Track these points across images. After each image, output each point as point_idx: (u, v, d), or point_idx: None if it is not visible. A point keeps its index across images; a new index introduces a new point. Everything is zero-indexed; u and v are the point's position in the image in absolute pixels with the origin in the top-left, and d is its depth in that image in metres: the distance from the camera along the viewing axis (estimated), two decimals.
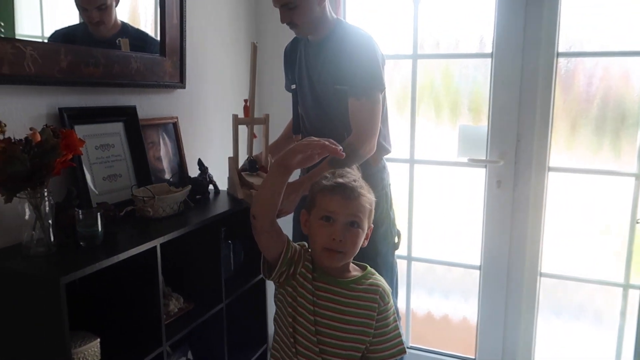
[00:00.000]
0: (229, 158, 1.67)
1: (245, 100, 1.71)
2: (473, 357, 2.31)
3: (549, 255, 2.16)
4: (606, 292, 2.17)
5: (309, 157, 1.04)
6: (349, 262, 1.14)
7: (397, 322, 1.16)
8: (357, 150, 1.57)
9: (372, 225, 1.16)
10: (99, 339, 1.26)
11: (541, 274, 2.16)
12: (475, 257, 2.25)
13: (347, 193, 1.07)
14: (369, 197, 1.11)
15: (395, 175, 1.78)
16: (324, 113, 1.72)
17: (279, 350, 1.12)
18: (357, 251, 1.11)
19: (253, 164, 1.74)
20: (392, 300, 1.14)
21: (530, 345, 2.21)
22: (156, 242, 1.29)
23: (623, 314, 2.09)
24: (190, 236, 1.48)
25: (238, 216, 1.67)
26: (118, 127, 1.58)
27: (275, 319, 1.15)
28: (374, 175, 1.73)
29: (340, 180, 1.09)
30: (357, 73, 1.59)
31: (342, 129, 1.67)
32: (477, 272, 2.25)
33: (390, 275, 1.78)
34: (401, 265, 2.33)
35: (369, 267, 1.17)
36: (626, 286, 2.06)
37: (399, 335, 1.14)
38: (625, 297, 2.08)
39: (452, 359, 2.34)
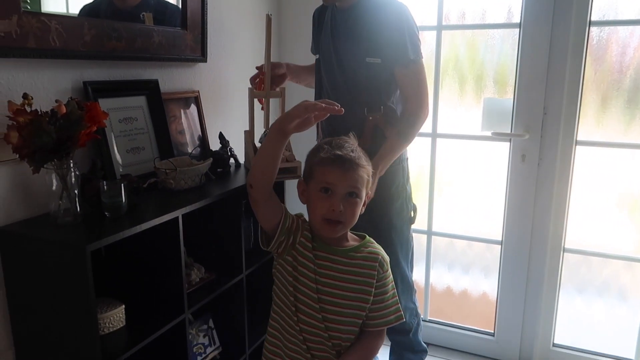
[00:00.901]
0: (245, 131, 1.68)
1: (260, 72, 1.70)
2: (492, 331, 2.32)
3: (573, 231, 2.12)
4: (631, 269, 2.13)
5: (306, 120, 1.02)
6: (347, 232, 1.14)
7: (396, 291, 1.17)
8: (419, 117, 1.63)
9: (370, 193, 1.17)
10: (123, 306, 1.31)
11: (565, 250, 2.13)
12: (496, 232, 2.23)
13: (346, 165, 1.07)
14: (367, 168, 1.12)
15: (418, 149, 1.76)
16: (350, 85, 1.70)
17: (278, 320, 1.14)
18: (356, 221, 1.12)
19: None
20: (390, 269, 1.15)
21: (551, 322, 2.20)
22: (178, 213, 1.32)
23: None
24: (212, 208, 1.51)
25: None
26: (141, 100, 1.61)
27: (274, 290, 1.16)
28: None
29: (338, 152, 1.08)
30: (400, 43, 1.59)
31: (367, 101, 1.67)
32: (498, 247, 2.23)
33: (406, 249, 1.79)
34: (421, 239, 2.34)
35: (367, 237, 1.17)
36: None
37: (397, 302, 1.16)
38: None
39: (470, 333, 2.35)
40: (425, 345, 1.92)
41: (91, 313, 1.11)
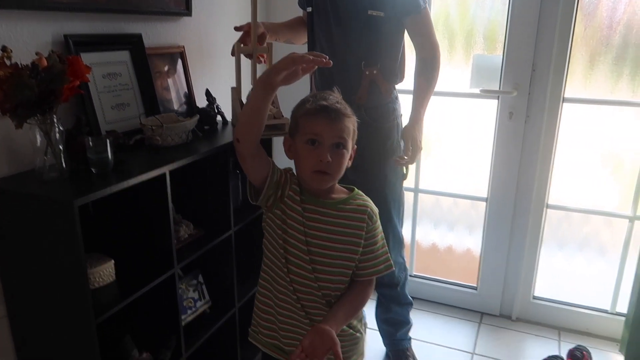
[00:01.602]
0: (232, 88, 1.66)
1: (245, 28, 1.66)
2: (475, 285, 2.39)
3: (557, 188, 2.16)
4: (611, 225, 2.19)
5: (293, 73, 1.00)
6: (335, 184, 1.15)
7: (385, 241, 1.20)
8: (438, 58, 1.70)
9: (356, 146, 1.16)
10: (113, 261, 1.32)
11: (548, 206, 2.18)
12: (482, 189, 2.27)
13: (332, 115, 1.07)
14: (352, 118, 1.12)
15: (407, 106, 1.77)
16: (347, 39, 1.66)
17: (268, 272, 1.16)
18: (342, 173, 1.12)
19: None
20: (380, 221, 1.17)
21: (532, 276, 2.27)
22: (165, 169, 1.32)
23: (626, 246, 2.11)
24: (199, 165, 1.51)
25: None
26: (124, 55, 1.57)
27: (264, 244, 1.17)
28: (386, 106, 1.73)
29: (323, 102, 1.08)
30: None
31: (364, 55, 1.66)
32: (484, 204, 2.27)
33: (398, 204, 1.82)
34: (408, 197, 2.37)
35: (356, 189, 1.18)
36: (632, 218, 2.08)
37: (387, 252, 1.18)
38: (630, 229, 2.09)
39: (454, 287, 2.42)
40: (411, 298, 1.98)
41: (81, 268, 1.12)
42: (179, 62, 1.80)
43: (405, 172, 1.81)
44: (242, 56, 1.57)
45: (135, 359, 1.36)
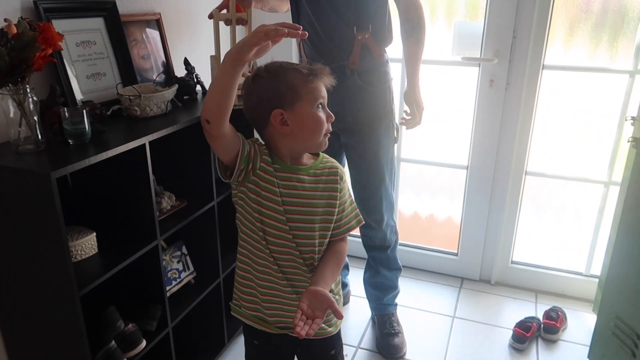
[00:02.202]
0: (211, 56, 1.63)
1: None
2: (455, 251, 2.44)
3: (535, 155, 2.20)
4: (588, 190, 2.24)
5: (264, 47, 0.96)
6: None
7: (353, 197, 1.22)
8: (423, 17, 1.72)
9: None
10: (94, 233, 1.31)
11: (527, 173, 2.21)
12: (463, 157, 2.29)
13: (327, 75, 1.08)
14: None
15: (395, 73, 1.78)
16: (336, 5, 1.64)
17: (246, 247, 1.15)
18: None
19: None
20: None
21: (511, 241, 2.32)
22: (145, 140, 1.30)
23: (601, 210, 2.17)
24: (180, 136, 1.49)
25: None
26: (98, 22, 1.52)
27: (238, 219, 1.16)
28: (378, 69, 1.74)
29: (314, 67, 1.08)
30: None
31: (356, 20, 1.65)
32: (464, 172, 2.30)
33: (390, 168, 1.85)
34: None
35: (321, 152, 1.17)
36: (607, 183, 2.13)
37: (356, 207, 1.21)
38: (605, 194, 2.15)
39: (435, 253, 2.47)
40: (400, 264, 2.02)
41: (61, 241, 1.11)
42: (156, 29, 1.75)
43: (396, 135, 1.84)
44: (221, 23, 1.53)
45: (120, 330, 1.36)
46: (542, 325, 2.03)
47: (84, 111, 1.21)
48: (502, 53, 2.04)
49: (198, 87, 1.80)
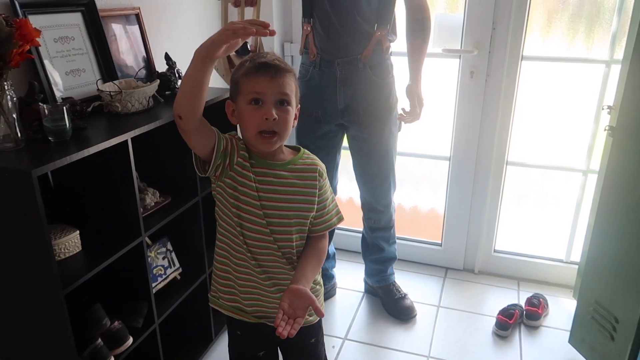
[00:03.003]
0: None
1: None
2: (439, 242, 2.47)
3: (516, 145, 2.23)
4: (567, 179, 2.28)
5: (233, 44, 0.96)
6: (282, 146, 1.13)
7: (334, 195, 1.23)
8: (430, 19, 1.79)
9: (300, 106, 1.14)
10: (78, 231, 1.30)
11: (508, 163, 2.25)
12: (445, 149, 2.31)
13: (272, 71, 1.04)
14: (293, 72, 1.09)
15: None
16: (358, 2, 1.69)
17: (223, 240, 1.15)
18: (290, 132, 1.10)
19: (245, 46, 1.64)
20: (326, 177, 1.18)
21: (493, 230, 2.36)
22: (127, 136, 1.29)
23: (580, 198, 2.22)
24: (162, 131, 1.47)
25: (212, 111, 1.66)
26: (76, 18, 1.50)
27: (216, 212, 1.16)
28: (385, 62, 1.82)
29: (262, 60, 1.05)
30: None
31: (377, 19, 1.73)
32: (447, 163, 2.33)
33: (395, 154, 1.95)
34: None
35: (302, 148, 1.17)
36: (586, 172, 2.18)
37: (336, 205, 1.22)
38: (584, 182, 2.20)
39: (419, 244, 2.50)
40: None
41: (44, 239, 1.10)
42: (136, 24, 1.73)
43: (399, 124, 1.94)
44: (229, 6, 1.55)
45: (107, 327, 1.36)
46: (524, 312, 2.07)
47: (64, 108, 1.20)
48: (482, 44, 2.06)
49: (180, 82, 1.79)
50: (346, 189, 2.45)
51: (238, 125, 1.11)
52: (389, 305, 2.14)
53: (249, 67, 1.05)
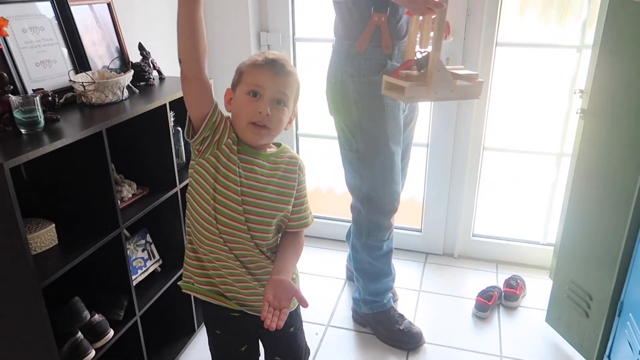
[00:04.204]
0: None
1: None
2: (419, 228, 2.50)
3: (492, 130, 2.26)
4: (542, 163, 2.33)
5: None
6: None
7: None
8: None
9: (297, 111, 1.16)
10: (54, 224, 1.28)
11: (484, 148, 2.28)
12: (423, 136, 2.33)
13: (277, 68, 1.06)
14: (297, 77, 1.11)
15: None
16: None
17: (192, 221, 1.14)
18: (281, 131, 1.11)
19: (426, 57, 1.44)
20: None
21: (471, 215, 2.40)
22: (101, 127, 1.27)
23: (555, 180, 2.27)
24: (138, 122, 1.46)
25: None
26: (45, 7, 1.46)
27: (189, 192, 1.13)
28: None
29: (271, 56, 1.07)
30: None
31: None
32: (425, 150, 2.35)
33: None
34: None
35: (283, 144, 1.18)
36: (560, 155, 2.22)
37: (309, 207, 1.22)
38: (558, 165, 2.24)
39: (400, 231, 2.52)
40: None
41: (19, 232, 1.08)
42: (108, 14, 1.70)
43: None
44: None
45: (86, 321, 1.34)
46: (502, 293, 2.12)
47: (35, 99, 1.17)
48: (457, 31, 2.08)
49: (155, 73, 1.77)
50: (326, 179, 2.45)
51: (231, 114, 1.12)
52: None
53: (255, 60, 1.07)
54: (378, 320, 1.95)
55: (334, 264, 2.39)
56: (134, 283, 1.54)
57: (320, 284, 2.27)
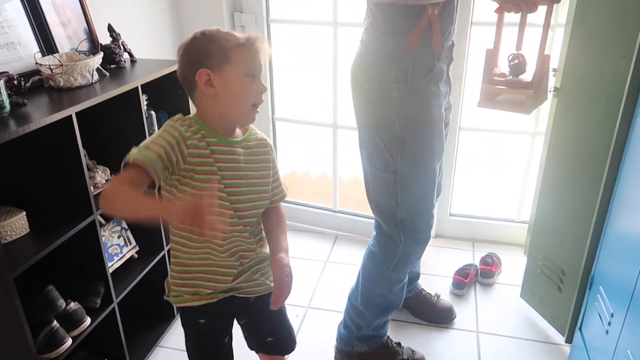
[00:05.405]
0: (487, 50, 1.37)
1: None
2: None
3: (467, 111, 2.28)
4: (516, 142, 2.36)
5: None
6: None
7: None
8: None
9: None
10: (24, 212, 1.25)
11: (460, 129, 2.30)
12: None
13: (262, 45, 1.05)
14: None
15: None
16: None
17: (181, 235, 1.11)
18: None
19: (519, 66, 1.33)
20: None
21: (449, 195, 2.42)
22: (71, 111, 1.24)
23: (529, 159, 2.30)
24: (110, 106, 1.43)
25: (161, 84, 1.61)
26: None
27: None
28: None
29: (253, 35, 1.05)
30: None
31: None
32: None
33: None
34: (328, 133, 2.41)
35: (251, 125, 1.16)
36: (533, 134, 2.26)
37: (282, 178, 1.23)
38: (532, 144, 2.28)
39: None
40: None
41: None
42: None
43: None
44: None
45: (62, 309, 1.32)
46: (479, 271, 2.16)
47: (0, 82, 1.13)
48: None
49: (126, 55, 1.72)
50: (302, 163, 2.44)
51: (203, 100, 1.05)
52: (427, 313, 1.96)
53: (242, 41, 1.03)
54: (375, 357, 1.73)
55: (311, 248, 2.40)
56: (111, 270, 1.52)
57: (301, 266, 2.28)
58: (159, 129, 1.73)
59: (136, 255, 1.70)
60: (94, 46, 1.67)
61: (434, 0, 1.25)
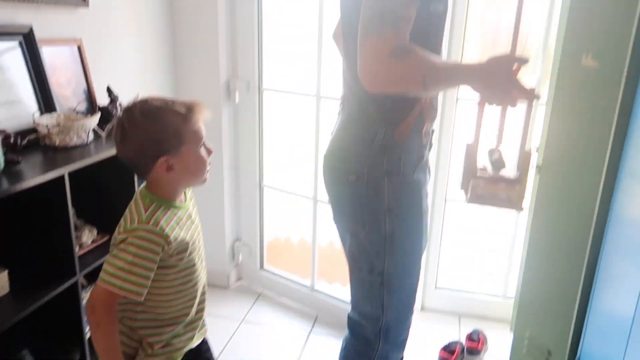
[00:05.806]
0: (467, 145, 1.33)
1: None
2: None
3: (454, 182, 2.32)
4: (504, 217, 2.40)
5: None
6: None
7: None
8: None
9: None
10: (7, 271, 1.22)
11: (446, 200, 2.34)
12: None
13: (203, 109, 1.07)
14: None
15: None
16: None
17: (163, 303, 1.10)
18: None
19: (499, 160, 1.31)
20: None
21: (435, 267, 2.42)
22: (64, 171, 1.24)
23: (514, 232, 2.33)
24: (103, 167, 1.43)
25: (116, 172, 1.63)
26: (13, 46, 1.44)
27: (150, 295, 1.06)
28: None
29: (189, 102, 1.04)
30: None
31: None
32: None
33: None
34: (308, 204, 2.42)
35: None
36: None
37: None
38: (517, 219, 2.31)
39: None
40: None
41: None
42: (77, 55, 1.69)
43: None
44: None
45: None
46: (465, 348, 2.12)
47: None
48: None
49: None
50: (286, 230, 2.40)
51: (159, 178, 1.05)
52: None
53: (187, 114, 1.02)
54: None
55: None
56: (88, 336, 1.46)
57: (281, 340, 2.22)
58: None
59: None
60: (92, 107, 1.69)
61: (433, 92, 1.25)
